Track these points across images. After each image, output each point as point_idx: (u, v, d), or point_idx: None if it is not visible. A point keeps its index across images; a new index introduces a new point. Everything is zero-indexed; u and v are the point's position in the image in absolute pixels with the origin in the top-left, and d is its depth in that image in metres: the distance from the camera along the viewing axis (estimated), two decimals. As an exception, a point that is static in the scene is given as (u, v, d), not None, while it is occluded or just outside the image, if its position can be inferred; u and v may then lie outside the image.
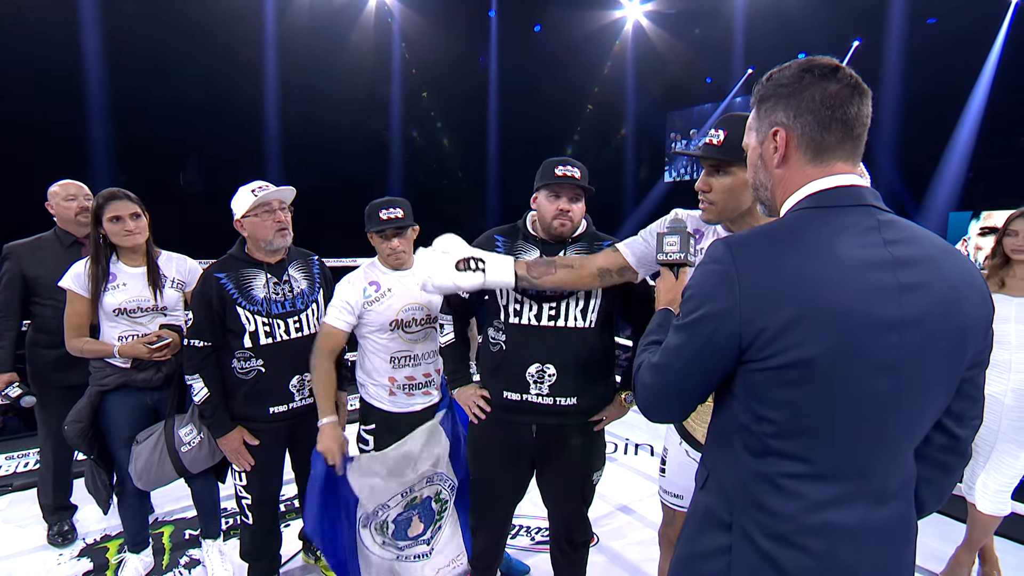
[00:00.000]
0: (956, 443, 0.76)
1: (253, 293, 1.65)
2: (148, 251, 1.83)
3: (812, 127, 0.72)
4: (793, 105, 0.73)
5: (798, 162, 0.75)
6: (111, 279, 1.77)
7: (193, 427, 1.76)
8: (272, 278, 1.68)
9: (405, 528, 1.77)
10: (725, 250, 0.70)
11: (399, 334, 1.73)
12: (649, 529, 2.36)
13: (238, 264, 1.66)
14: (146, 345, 1.72)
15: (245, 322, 1.63)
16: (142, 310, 1.80)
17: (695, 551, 0.78)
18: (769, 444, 0.70)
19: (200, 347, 1.62)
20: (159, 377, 1.79)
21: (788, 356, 0.66)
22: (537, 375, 1.44)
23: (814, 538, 0.68)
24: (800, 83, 0.73)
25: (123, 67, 7.00)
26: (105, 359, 1.78)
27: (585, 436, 1.53)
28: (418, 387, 1.79)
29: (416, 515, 1.78)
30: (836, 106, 0.71)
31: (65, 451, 2.21)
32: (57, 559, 2.08)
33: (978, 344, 0.71)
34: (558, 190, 1.43)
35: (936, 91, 7.13)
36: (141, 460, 1.75)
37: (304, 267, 1.77)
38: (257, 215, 1.62)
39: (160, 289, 1.82)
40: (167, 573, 2.00)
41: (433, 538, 1.83)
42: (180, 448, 1.75)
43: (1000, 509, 1.86)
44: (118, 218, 1.73)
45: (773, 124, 0.76)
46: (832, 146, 0.72)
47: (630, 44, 10.61)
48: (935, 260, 0.69)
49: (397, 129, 10.18)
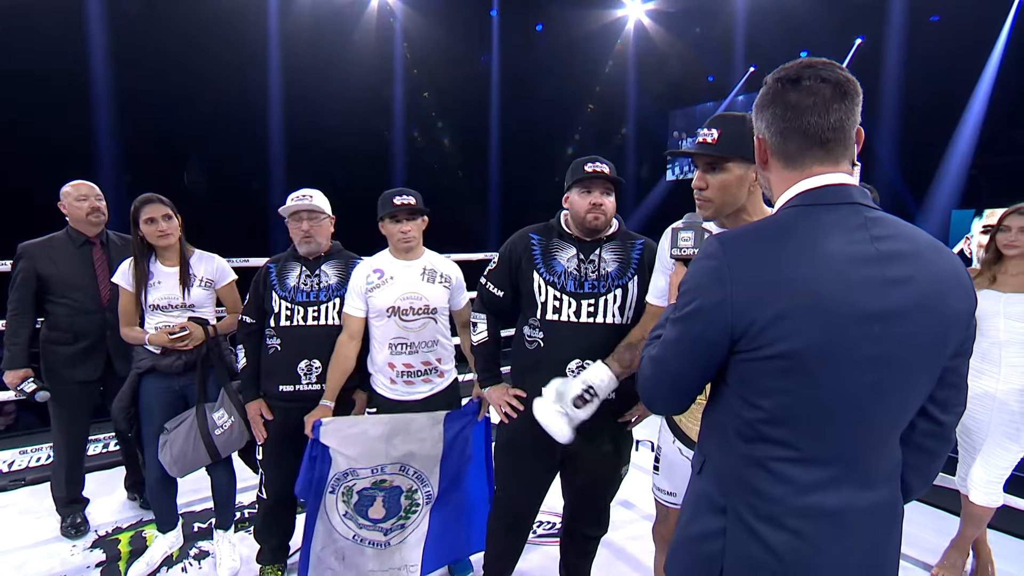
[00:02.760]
0: (940, 428, 0.79)
1: (287, 281, 1.85)
2: (181, 250, 1.99)
3: (776, 137, 0.77)
4: (766, 116, 0.78)
5: (776, 167, 0.79)
6: (150, 277, 1.95)
7: (224, 411, 1.91)
8: (306, 271, 1.86)
9: (367, 506, 1.79)
10: (718, 246, 0.74)
11: (395, 321, 1.77)
12: (647, 522, 2.39)
13: (287, 258, 1.89)
14: (168, 335, 1.89)
15: (275, 304, 1.83)
16: (173, 306, 1.97)
17: (691, 534, 0.81)
18: (760, 430, 0.73)
19: (248, 323, 1.86)
20: (179, 364, 1.95)
21: (777, 347, 0.69)
22: (578, 370, 1.46)
23: (803, 520, 0.71)
24: (768, 95, 0.77)
25: (127, 68, 7.06)
26: (143, 345, 1.96)
27: (619, 431, 1.57)
28: (417, 375, 1.82)
29: (381, 498, 1.81)
30: (793, 117, 0.74)
31: (77, 445, 2.26)
32: (71, 550, 2.13)
33: (960, 335, 0.74)
34: (589, 185, 1.48)
35: (938, 88, 7.11)
36: (176, 447, 1.88)
37: (341, 266, 1.90)
38: (290, 221, 1.83)
39: (188, 288, 1.98)
40: (177, 563, 2.05)
41: (393, 532, 1.83)
42: (214, 432, 1.91)
43: (992, 500, 1.89)
44: (152, 220, 1.91)
45: (757, 131, 0.80)
46: (796, 154, 0.76)
47: (632, 43, 10.61)
48: (921, 255, 0.72)
49: (399, 128, 10.21)
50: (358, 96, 9.25)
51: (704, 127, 1.19)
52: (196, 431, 1.88)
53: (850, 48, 7.87)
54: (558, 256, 1.52)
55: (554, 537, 2.24)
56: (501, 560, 1.73)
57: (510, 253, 1.60)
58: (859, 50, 7.81)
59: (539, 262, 1.54)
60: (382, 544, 1.83)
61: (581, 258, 1.51)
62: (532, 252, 1.55)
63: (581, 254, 1.51)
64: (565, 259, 1.52)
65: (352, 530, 1.80)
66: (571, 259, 1.51)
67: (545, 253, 1.53)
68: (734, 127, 1.15)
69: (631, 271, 1.51)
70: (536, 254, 1.55)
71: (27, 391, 2.07)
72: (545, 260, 1.53)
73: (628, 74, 10.82)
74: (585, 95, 11.19)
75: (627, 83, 10.89)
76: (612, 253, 1.51)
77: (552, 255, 1.52)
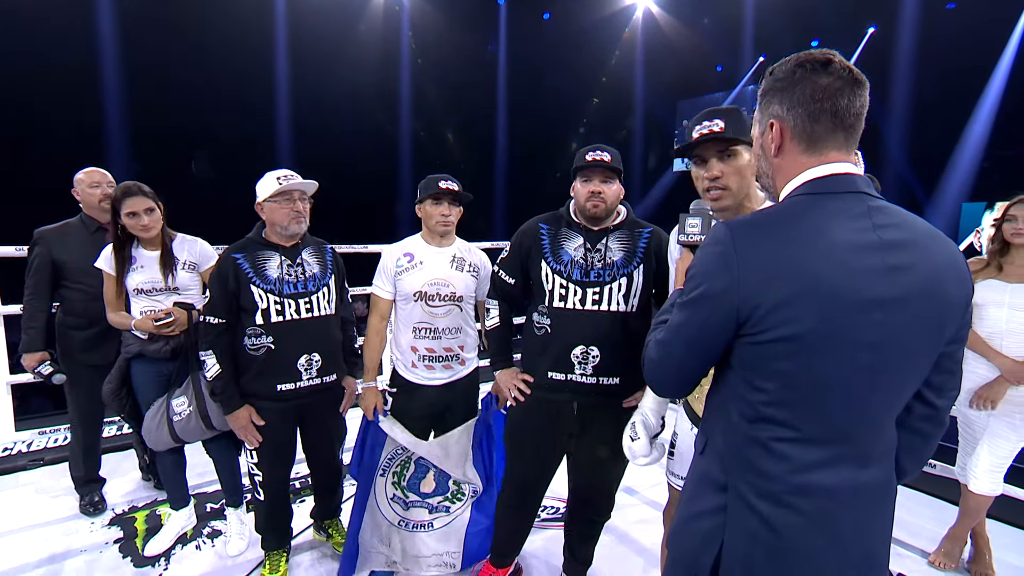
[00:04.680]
0: (935, 412, 0.81)
1: (267, 273, 1.71)
2: (163, 235, 1.97)
3: (803, 119, 0.77)
4: (787, 99, 0.78)
5: (793, 152, 0.79)
6: (132, 262, 1.94)
7: (185, 399, 1.89)
8: (286, 260, 1.74)
9: (420, 478, 1.86)
10: (726, 232, 0.76)
11: (421, 305, 1.80)
12: (650, 508, 2.43)
13: (255, 246, 1.74)
14: (153, 321, 1.88)
15: (258, 299, 1.69)
16: (157, 290, 1.95)
17: (693, 511, 0.84)
18: (762, 411, 0.75)
19: (215, 324, 1.69)
20: (166, 350, 1.94)
21: (780, 331, 0.71)
22: (582, 356, 1.51)
23: (801, 497, 0.74)
24: (793, 77, 0.77)
25: (137, 58, 7.09)
26: (130, 331, 1.96)
27: (625, 415, 1.59)
28: (438, 360, 1.84)
29: (433, 472, 1.88)
30: (826, 98, 0.75)
31: (94, 427, 2.32)
32: (89, 527, 2.20)
33: (956, 322, 0.76)
34: (589, 174, 1.50)
35: (952, 78, 6.99)
36: (147, 423, 1.92)
37: (318, 253, 1.83)
38: (277, 202, 1.70)
39: (172, 272, 1.96)
40: (191, 541, 2.12)
41: (438, 512, 1.89)
42: (173, 418, 1.88)
43: (992, 489, 1.91)
44: (134, 214, 1.88)
45: (771, 117, 0.81)
46: (822, 136, 0.77)
47: (640, 32, 10.48)
48: (921, 243, 0.74)
49: (406, 118, 10.18)
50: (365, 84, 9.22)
51: (704, 120, 1.20)
52: (163, 413, 1.90)
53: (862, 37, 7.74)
54: (566, 245, 1.55)
55: (558, 521, 2.28)
56: (508, 541, 1.78)
57: (520, 242, 1.63)
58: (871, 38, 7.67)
59: (547, 251, 1.57)
60: (427, 525, 1.88)
61: (588, 247, 1.53)
62: (541, 241, 1.58)
63: (588, 243, 1.53)
64: (572, 248, 1.54)
65: (398, 515, 1.86)
66: (578, 248, 1.54)
67: (553, 242, 1.56)
68: (734, 115, 1.18)
69: (637, 260, 1.53)
70: (545, 243, 1.58)
71: (44, 374, 2.13)
72: (553, 249, 1.56)
73: (636, 63, 10.70)
74: (592, 85, 11.09)
75: (635, 73, 10.77)
76: (618, 242, 1.54)
77: (560, 244, 1.55)
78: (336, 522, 2.11)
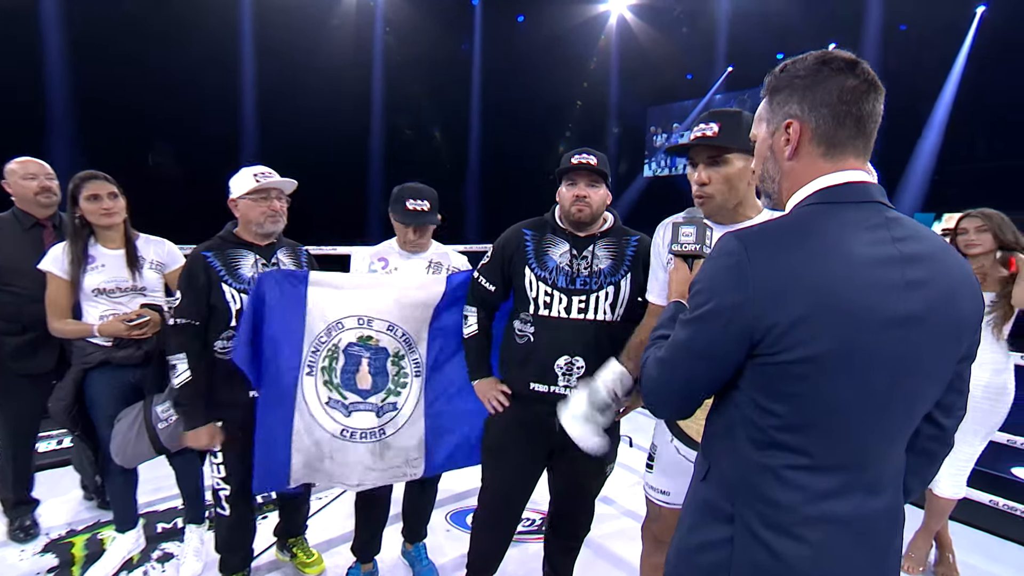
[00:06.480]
0: (942, 433, 0.79)
1: (240, 272, 1.62)
2: (126, 232, 1.82)
3: (827, 121, 0.72)
4: (809, 98, 0.72)
5: (810, 155, 0.74)
6: (90, 261, 1.76)
7: (171, 403, 1.74)
8: (260, 259, 1.66)
9: (353, 371, 1.64)
10: (737, 243, 0.70)
11: None
12: (628, 519, 2.40)
13: (226, 245, 1.65)
14: (125, 323, 1.71)
15: (230, 300, 1.60)
16: (121, 290, 1.79)
17: (695, 542, 0.79)
18: (773, 437, 0.70)
19: (184, 325, 1.58)
20: (139, 355, 1.79)
21: (797, 352, 0.66)
22: (566, 367, 1.45)
23: (812, 528, 0.69)
24: (817, 75, 0.72)
25: (87, 43, 6.62)
26: (87, 339, 1.76)
27: (612, 428, 1.53)
28: None
29: (367, 360, 1.64)
30: (852, 101, 0.71)
31: (26, 443, 2.11)
32: (19, 555, 1.99)
33: (970, 339, 0.73)
34: (575, 177, 1.46)
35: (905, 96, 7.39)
36: (119, 436, 1.74)
37: (292, 255, 1.77)
38: (254, 199, 1.62)
39: (139, 269, 1.81)
40: (138, 567, 1.94)
41: (385, 413, 1.65)
42: (157, 424, 1.73)
43: (955, 492, 1.97)
44: (96, 196, 1.72)
45: (787, 116, 0.75)
46: (844, 141, 0.72)
47: (614, 38, 10.64)
48: (937, 257, 0.70)
49: (378, 116, 9.98)
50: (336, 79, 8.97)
51: (701, 121, 1.17)
52: (141, 422, 1.73)
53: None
54: (550, 252, 1.49)
55: (537, 534, 2.22)
56: (485, 558, 1.69)
57: (503, 248, 1.57)
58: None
59: (531, 258, 1.51)
60: (376, 433, 1.64)
61: (574, 254, 1.48)
62: (525, 248, 1.52)
63: (574, 250, 1.48)
64: (558, 255, 1.49)
65: (339, 423, 1.62)
66: (563, 255, 1.49)
67: (538, 248, 1.51)
68: (733, 120, 1.14)
69: (624, 268, 1.49)
70: (528, 249, 1.52)
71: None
72: (537, 256, 1.51)
73: (611, 70, 10.86)
74: (569, 91, 11.19)
75: (610, 79, 10.93)
76: (605, 250, 1.49)
77: (544, 250, 1.50)
78: (301, 540, 1.99)
